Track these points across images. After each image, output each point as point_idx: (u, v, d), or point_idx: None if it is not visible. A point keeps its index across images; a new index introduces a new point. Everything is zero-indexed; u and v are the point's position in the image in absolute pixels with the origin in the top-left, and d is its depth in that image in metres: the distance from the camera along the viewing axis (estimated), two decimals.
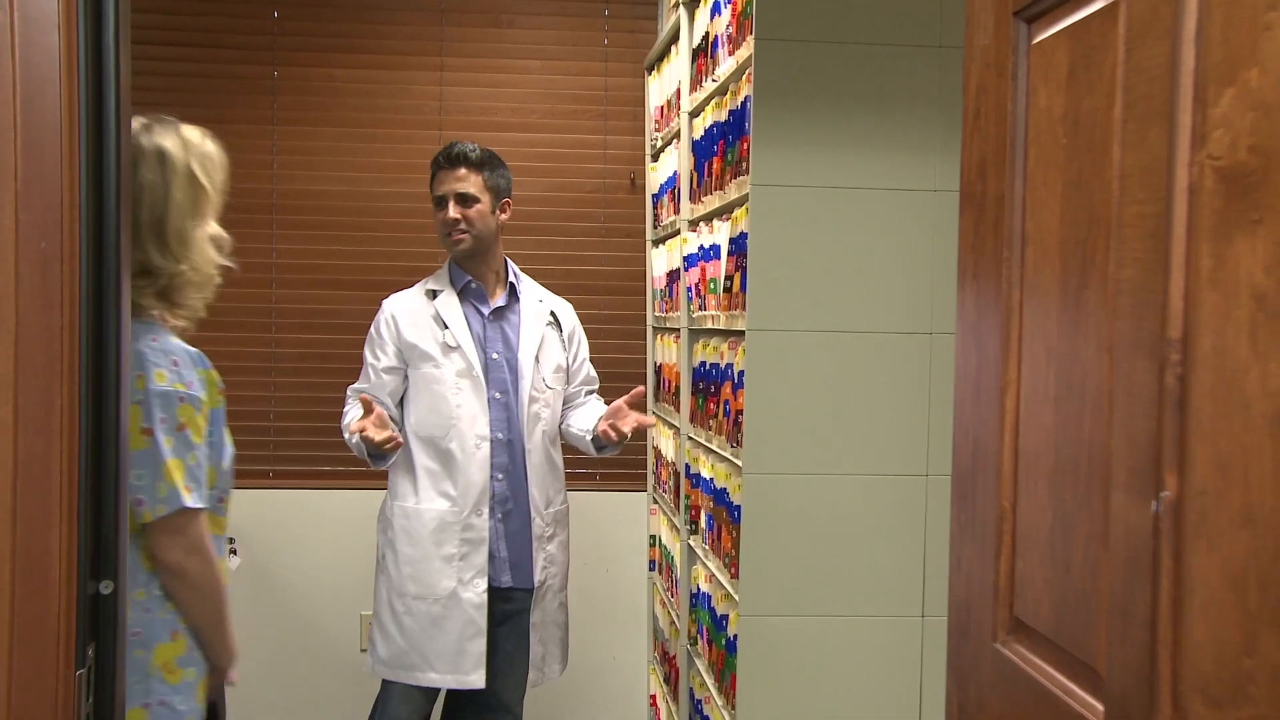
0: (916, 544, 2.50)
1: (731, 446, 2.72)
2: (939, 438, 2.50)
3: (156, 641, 1.86)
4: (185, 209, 1.89)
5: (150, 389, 1.80)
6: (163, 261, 1.86)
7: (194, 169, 1.90)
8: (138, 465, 1.78)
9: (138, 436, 1.77)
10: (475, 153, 3.06)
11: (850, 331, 2.48)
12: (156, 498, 1.81)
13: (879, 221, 2.48)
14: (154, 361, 1.82)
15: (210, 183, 1.93)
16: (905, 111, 2.47)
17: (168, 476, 1.81)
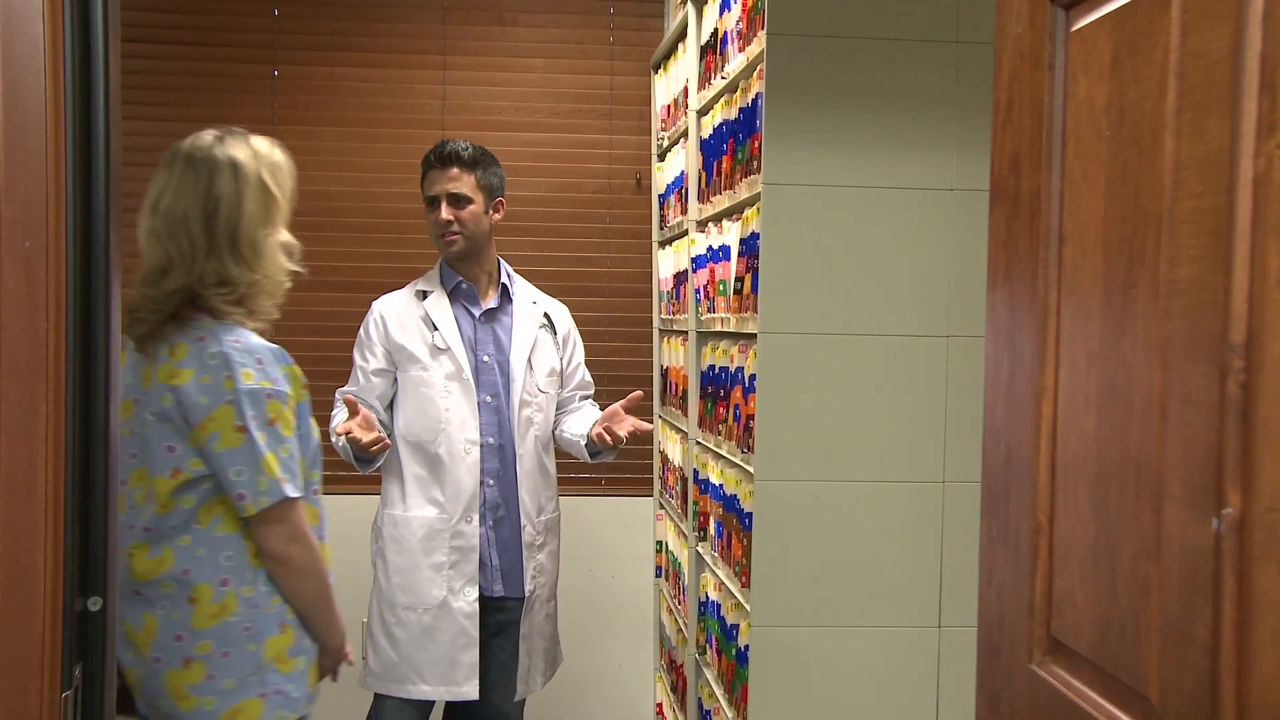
0: (933, 552, 2.44)
1: (742, 452, 2.66)
2: (956, 443, 2.43)
3: (267, 635, 1.97)
4: (258, 218, 1.96)
5: (239, 388, 1.88)
6: (238, 271, 1.94)
7: (265, 178, 1.97)
8: (236, 462, 1.89)
9: (231, 435, 1.88)
10: (468, 151, 2.98)
11: (865, 334, 2.42)
12: (258, 491, 1.91)
13: (894, 221, 2.42)
14: (239, 361, 1.90)
15: (280, 191, 2.00)
16: (922, 108, 2.41)
17: (267, 470, 1.91)
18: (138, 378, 1.96)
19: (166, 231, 1.95)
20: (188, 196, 1.96)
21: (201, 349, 1.90)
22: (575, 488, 4.02)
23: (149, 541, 1.94)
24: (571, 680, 4.08)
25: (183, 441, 1.91)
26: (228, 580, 1.95)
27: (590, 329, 3.97)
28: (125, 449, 1.94)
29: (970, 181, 2.41)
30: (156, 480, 1.92)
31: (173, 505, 1.92)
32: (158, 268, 1.96)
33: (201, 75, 3.97)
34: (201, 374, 1.89)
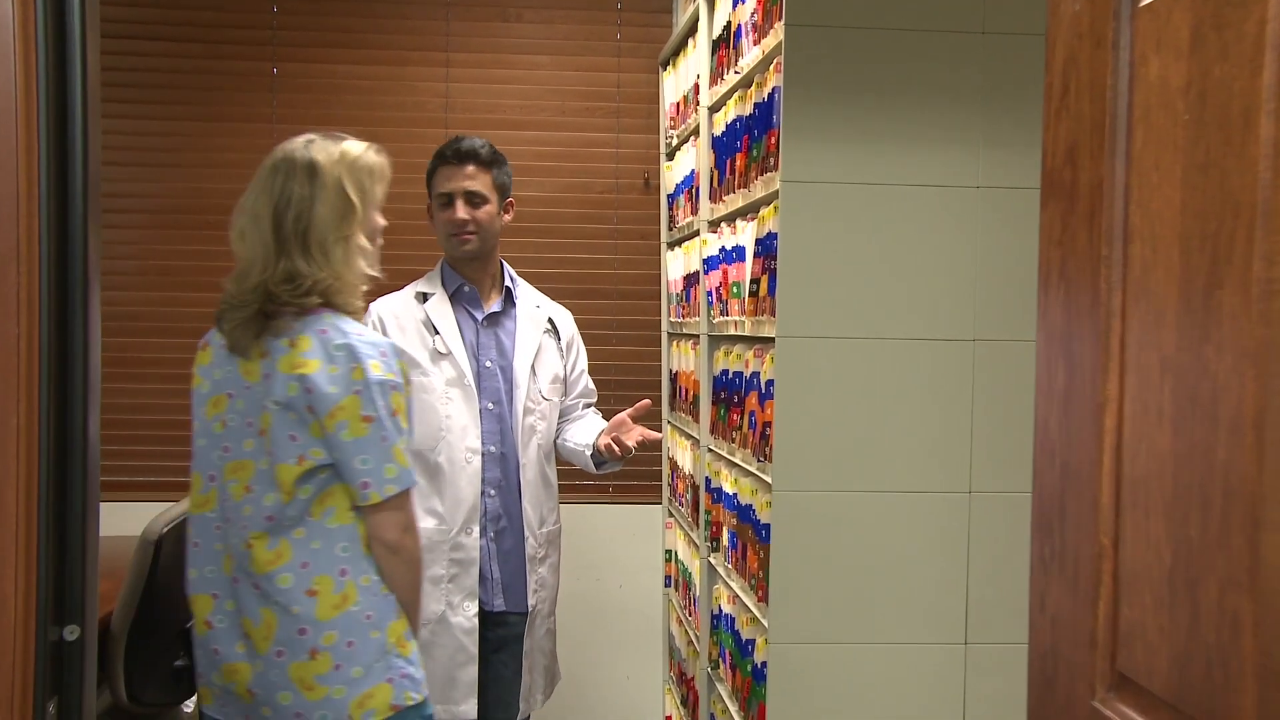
0: (959, 566, 2.34)
1: (758, 461, 2.56)
2: (983, 452, 2.34)
3: (388, 621, 2.02)
4: (330, 221, 2.00)
5: (369, 378, 1.94)
6: (308, 268, 1.97)
7: (344, 183, 2.01)
8: (362, 451, 1.94)
9: (359, 424, 1.93)
10: (485, 149, 2.88)
11: (887, 338, 2.33)
12: (384, 479, 1.96)
13: (918, 220, 2.32)
14: (367, 353, 1.96)
15: (361, 197, 2.04)
16: (946, 102, 2.31)
17: (396, 458, 1.97)
18: (231, 373, 2.02)
19: (248, 231, 2.03)
20: (264, 197, 2.02)
21: (326, 341, 1.95)
22: (582, 495, 3.93)
23: (269, 532, 1.98)
24: (579, 691, 3.98)
25: (305, 430, 1.95)
26: (346, 570, 1.98)
27: (597, 332, 3.89)
28: (216, 444, 2.02)
29: (997, 178, 2.32)
30: (281, 468, 1.96)
31: (295, 493, 1.96)
32: (243, 267, 2.03)
33: (199, 73, 3.90)
34: (329, 364, 1.93)
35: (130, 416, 3.93)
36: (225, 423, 2.02)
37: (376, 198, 2.08)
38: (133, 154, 3.89)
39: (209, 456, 2.05)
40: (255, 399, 1.99)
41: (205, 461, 2.06)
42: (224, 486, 2.02)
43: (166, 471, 3.93)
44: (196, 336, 3.81)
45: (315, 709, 1.98)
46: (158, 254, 3.92)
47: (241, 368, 2.01)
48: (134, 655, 2.71)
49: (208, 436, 2.05)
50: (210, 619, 2.05)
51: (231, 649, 2.03)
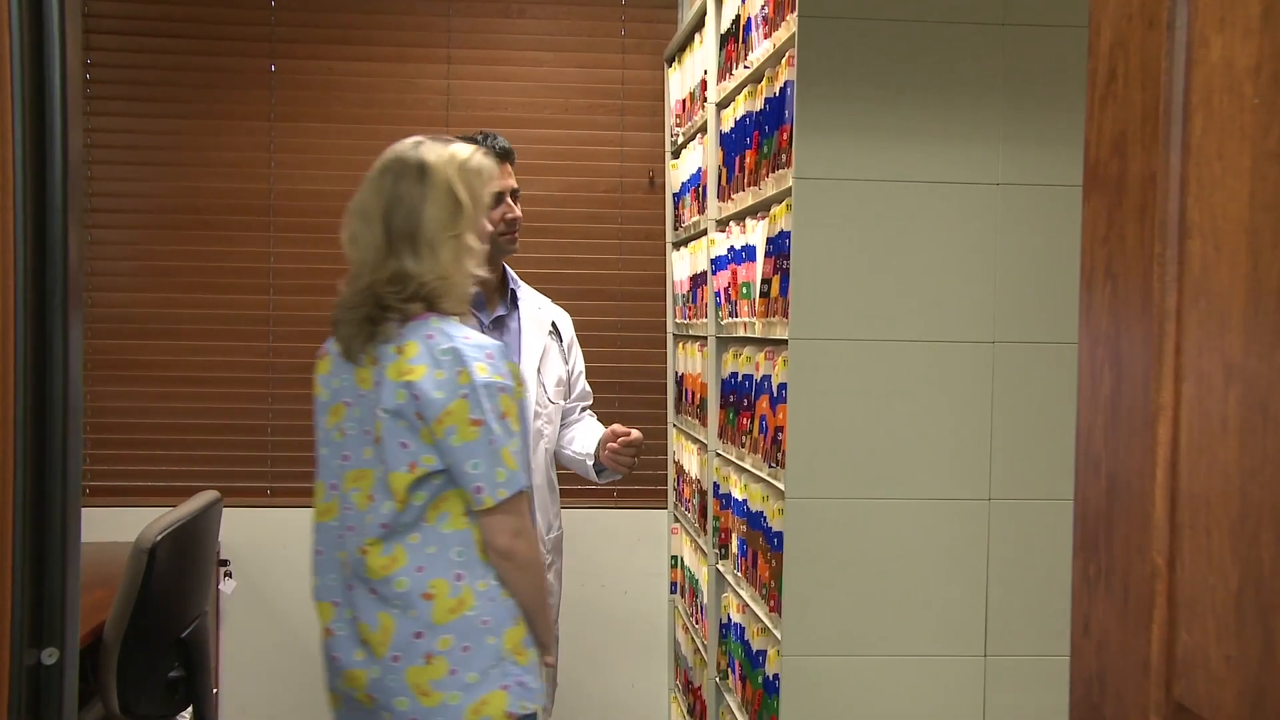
0: (978, 575, 2.26)
1: (769, 466, 2.48)
2: (1003, 458, 2.26)
3: (505, 627, 2.00)
4: (440, 221, 2.00)
5: (475, 381, 1.93)
6: (416, 269, 1.98)
7: (454, 184, 2.02)
8: (473, 455, 1.94)
9: (468, 428, 1.93)
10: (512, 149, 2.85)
11: (904, 340, 2.25)
12: (495, 483, 1.96)
13: (936, 218, 2.25)
14: (473, 356, 1.95)
15: (470, 197, 2.04)
16: (965, 96, 2.24)
17: (507, 461, 1.96)
18: (348, 381, 2.03)
19: (359, 233, 2.04)
20: (375, 198, 2.03)
21: (432, 346, 1.94)
22: (587, 500, 3.85)
23: (383, 539, 1.98)
24: (583, 700, 3.91)
25: (415, 437, 1.95)
26: (462, 575, 1.98)
27: (601, 334, 3.82)
28: (336, 453, 2.03)
29: (1018, 175, 2.24)
30: (394, 476, 1.96)
31: (409, 500, 1.96)
32: (354, 270, 2.04)
33: (195, 69, 3.83)
34: (435, 369, 1.93)
35: (124, 420, 3.87)
36: (344, 431, 2.03)
37: (484, 200, 2.08)
38: (127, 153, 3.83)
39: (330, 465, 2.05)
40: (369, 407, 1.99)
41: (327, 470, 2.06)
42: (345, 495, 2.03)
43: (161, 476, 3.88)
44: (193, 338, 3.94)
45: (431, 715, 1.97)
46: (152, 254, 3.86)
47: (356, 375, 2.02)
48: (127, 666, 2.65)
49: (329, 445, 2.06)
50: (332, 626, 2.05)
51: (351, 656, 2.02)
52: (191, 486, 3.68)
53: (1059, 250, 2.24)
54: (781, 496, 2.38)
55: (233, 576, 3.79)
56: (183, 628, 2.84)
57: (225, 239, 3.86)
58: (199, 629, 2.92)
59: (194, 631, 2.89)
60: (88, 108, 3.80)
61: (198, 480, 3.79)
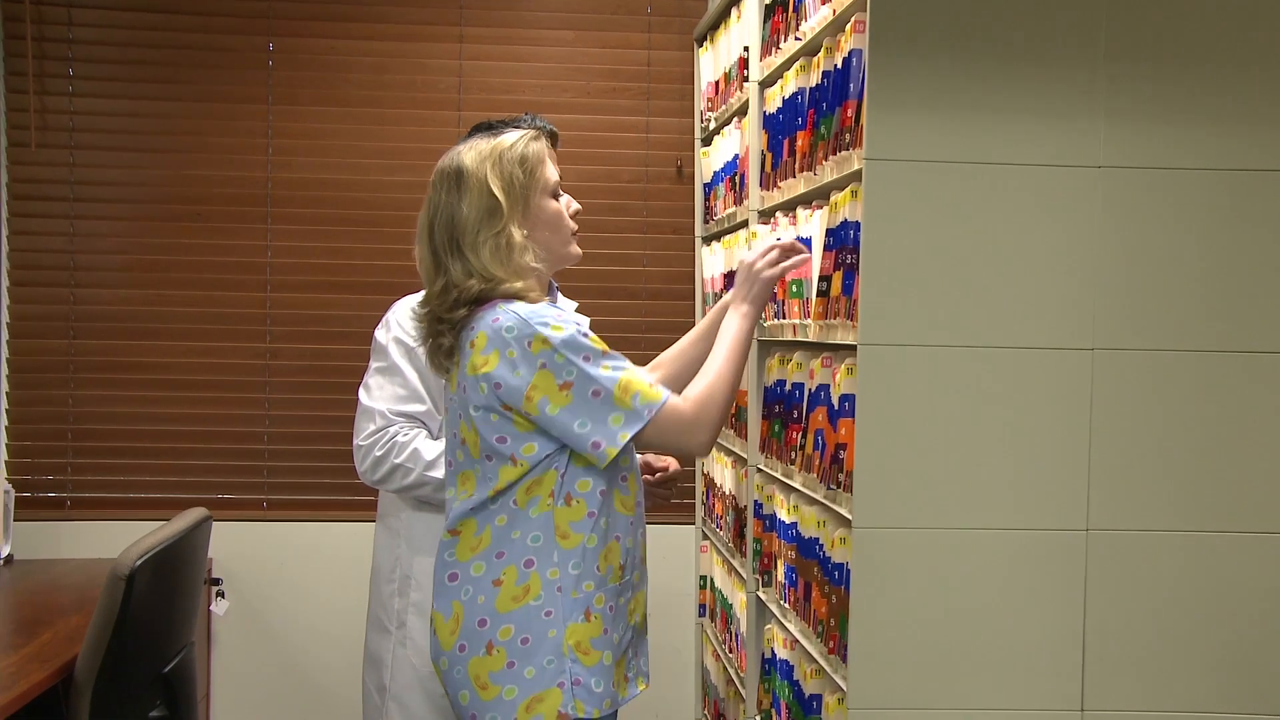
0: (1074, 617, 1.99)
1: (827, 488, 2.21)
2: (1104, 482, 1.99)
3: (570, 621, 1.94)
4: (477, 221, 1.98)
5: (553, 343, 1.89)
6: (460, 277, 1.96)
7: (488, 181, 1.99)
8: (576, 416, 1.89)
9: (558, 395, 1.88)
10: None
11: (990, 347, 1.98)
12: (613, 430, 1.91)
13: (1028, 205, 1.98)
14: (539, 321, 1.90)
15: (507, 190, 2.00)
16: (1063, 65, 1.97)
17: (619, 400, 1.90)
18: (445, 389, 2.08)
19: (418, 253, 2.05)
20: (424, 214, 2.05)
21: (498, 329, 1.91)
22: None
23: (475, 518, 1.98)
24: None
25: (511, 428, 1.93)
26: (532, 561, 1.95)
27: (625, 335, 3.61)
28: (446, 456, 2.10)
29: (1122, 156, 1.98)
30: (503, 470, 1.95)
31: (510, 490, 1.95)
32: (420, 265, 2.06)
33: (186, 47, 3.68)
34: (506, 350, 1.90)
35: (109, 427, 3.70)
36: (444, 436, 2.15)
37: (535, 186, 2.03)
38: (112, 137, 3.66)
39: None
40: (454, 410, 2.01)
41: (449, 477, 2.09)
42: (454, 498, 2.05)
43: (149, 487, 3.70)
44: (183, 338, 3.70)
45: (486, 710, 1.95)
46: (140, 248, 3.69)
47: (451, 379, 2.05)
48: (102, 706, 2.42)
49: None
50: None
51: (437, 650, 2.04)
52: (181, 499, 3.59)
53: (1170, 243, 1.98)
54: (844, 524, 2.11)
55: (225, 597, 3.59)
56: (165, 662, 2.61)
57: (219, 231, 3.69)
58: (184, 663, 2.69)
59: (178, 666, 2.66)
60: (70, 88, 3.64)
61: (188, 492, 3.64)
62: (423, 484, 2.41)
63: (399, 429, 2.44)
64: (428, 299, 2.02)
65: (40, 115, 3.58)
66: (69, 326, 3.63)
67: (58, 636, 2.65)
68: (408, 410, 2.46)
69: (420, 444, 2.42)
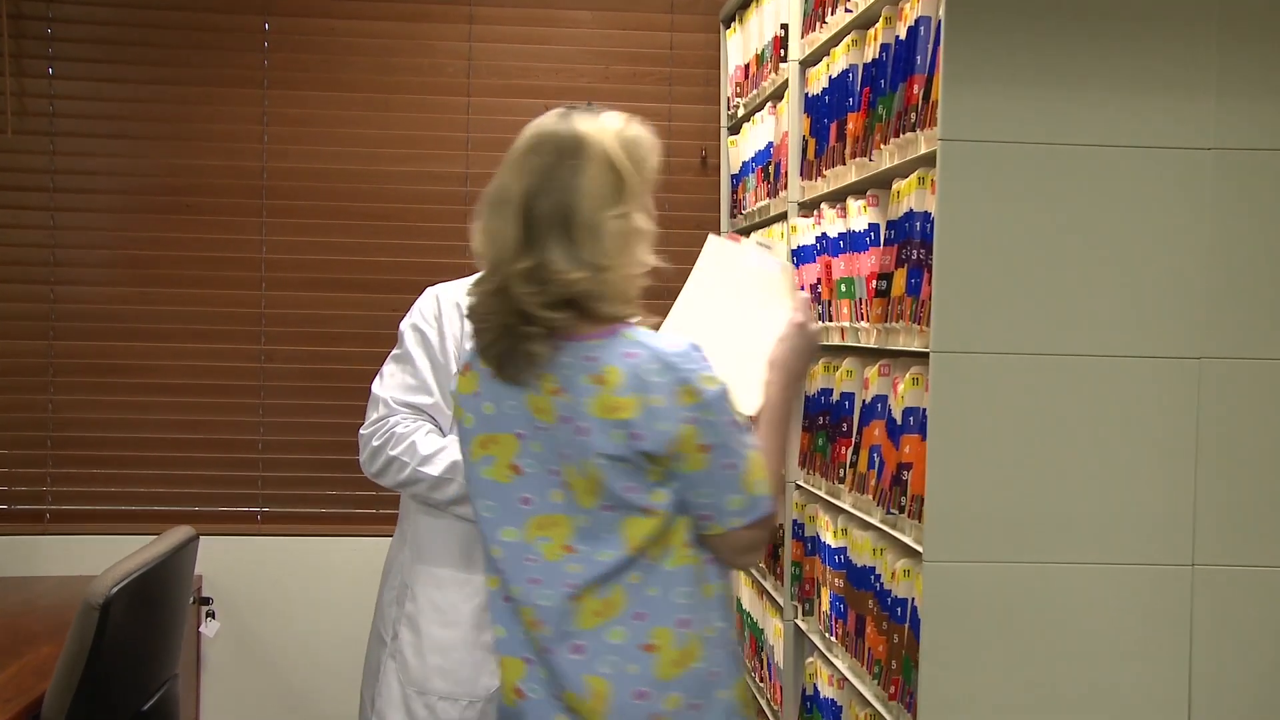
0: (1178, 661, 1.76)
1: (886, 512, 1.98)
2: (1211, 509, 1.77)
3: (734, 678, 1.78)
4: (601, 198, 1.69)
5: (705, 398, 1.65)
6: (566, 263, 1.66)
7: (612, 154, 1.71)
8: (699, 485, 1.69)
9: (695, 456, 1.67)
10: None
11: (1083, 355, 1.76)
12: (727, 511, 1.70)
13: (1128, 194, 1.76)
14: (692, 368, 1.66)
15: (635, 170, 1.73)
16: (1169, 34, 1.74)
17: (745, 484, 1.70)
18: (515, 408, 1.71)
19: (491, 226, 1.73)
20: (516, 182, 1.71)
21: (638, 367, 1.66)
22: None
23: (600, 582, 1.70)
24: None
25: (642, 478, 1.68)
26: (688, 621, 1.72)
27: None
28: (510, 494, 1.72)
29: (1237, 137, 1.77)
30: (629, 523, 1.69)
31: (641, 545, 1.69)
32: (484, 269, 1.73)
33: (177, 28, 3.53)
34: (649, 397, 1.66)
35: (91, 434, 3.52)
36: (518, 469, 1.72)
37: (650, 174, 1.80)
38: (94, 124, 3.50)
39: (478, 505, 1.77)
40: (554, 444, 1.69)
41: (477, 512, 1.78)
42: (527, 545, 1.73)
43: (134, 499, 3.53)
44: (171, 339, 3.51)
45: None
46: (125, 242, 3.52)
47: (530, 402, 1.70)
48: None
49: (475, 484, 1.76)
50: (521, 686, 1.74)
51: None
52: (169, 511, 3.45)
53: None
54: (909, 554, 1.89)
55: (215, 617, 3.37)
56: (145, 698, 2.41)
57: (211, 225, 3.53)
58: (166, 699, 2.49)
59: (160, 702, 2.45)
60: (50, 71, 3.46)
61: (176, 504, 3.49)
62: (416, 480, 2.25)
63: (399, 419, 2.29)
64: (502, 282, 1.70)
65: (18, 99, 3.41)
66: (49, 326, 3.47)
67: (26, 670, 2.42)
68: (413, 401, 2.30)
69: (419, 438, 2.27)
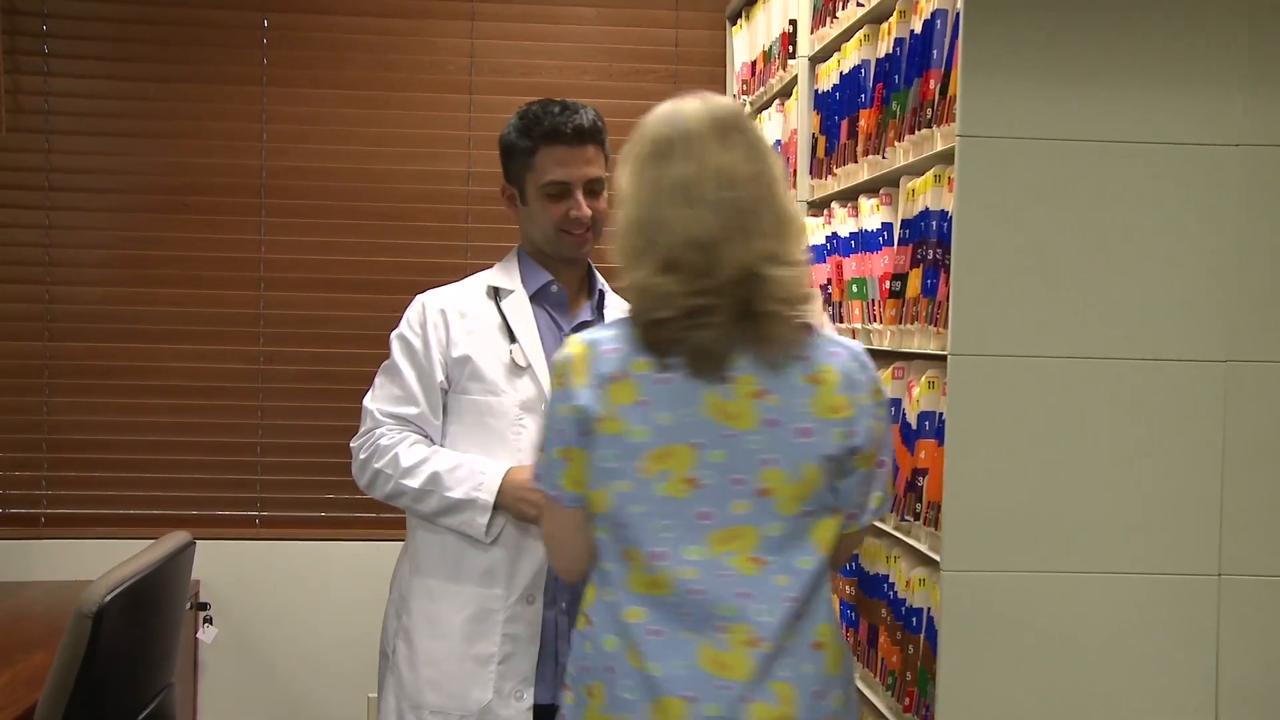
0: (1204, 675, 1.71)
1: (901, 519, 1.94)
2: (1238, 517, 1.73)
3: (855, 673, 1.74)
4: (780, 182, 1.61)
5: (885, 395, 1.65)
6: (790, 265, 1.56)
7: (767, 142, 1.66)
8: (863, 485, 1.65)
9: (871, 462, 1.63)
10: (599, 122, 2.23)
11: (1106, 358, 1.71)
12: (870, 509, 1.68)
13: (1152, 192, 1.70)
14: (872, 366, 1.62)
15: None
16: (1197, 26, 1.69)
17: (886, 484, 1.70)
18: (691, 416, 1.56)
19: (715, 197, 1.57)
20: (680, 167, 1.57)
21: (844, 367, 1.60)
22: None
23: (811, 591, 1.62)
24: None
25: (839, 478, 1.62)
26: (831, 614, 1.67)
27: None
28: (688, 509, 1.57)
29: (1267, 133, 1.72)
30: (824, 525, 1.62)
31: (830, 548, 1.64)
32: (702, 241, 1.55)
33: (174, 24, 3.48)
34: (858, 396, 1.60)
35: (87, 437, 3.47)
36: (695, 482, 1.57)
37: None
38: (91, 121, 3.44)
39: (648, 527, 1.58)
40: (745, 451, 1.57)
41: (645, 534, 1.58)
42: (718, 562, 1.58)
43: (131, 503, 3.47)
44: (169, 341, 3.43)
45: None
46: (122, 242, 3.47)
47: (711, 409, 1.56)
48: None
49: (650, 503, 1.57)
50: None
51: None
52: (166, 515, 3.40)
53: None
54: (925, 562, 1.84)
55: (213, 623, 3.32)
56: (141, 708, 2.33)
57: (209, 224, 3.48)
58: (162, 707, 2.42)
59: (156, 711, 2.37)
60: (45, 68, 3.40)
61: (174, 508, 3.44)
62: (401, 493, 2.21)
63: (384, 431, 2.26)
64: (739, 272, 1.55)
65: (12, 96, 3.35)
66: (44, 327, 3.42)
67: (18, 679, 2.37)
68: (399, 412, 2.26)
69: (402, 450, 2.23)
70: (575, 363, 1.58)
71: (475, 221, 3.43)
